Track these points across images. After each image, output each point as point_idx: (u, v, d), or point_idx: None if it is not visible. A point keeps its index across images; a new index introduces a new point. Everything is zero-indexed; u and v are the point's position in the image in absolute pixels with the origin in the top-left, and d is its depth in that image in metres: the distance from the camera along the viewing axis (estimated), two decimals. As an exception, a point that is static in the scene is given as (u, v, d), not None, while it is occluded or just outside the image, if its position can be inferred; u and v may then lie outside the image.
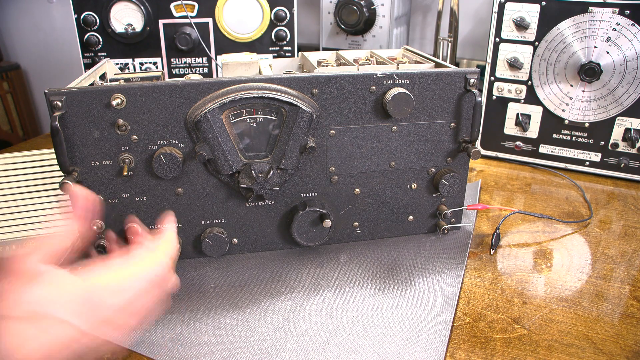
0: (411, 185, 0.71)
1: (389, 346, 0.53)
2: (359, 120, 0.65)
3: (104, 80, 0.74)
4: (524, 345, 0.54)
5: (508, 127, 1.00)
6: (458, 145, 0.70)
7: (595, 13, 0.86)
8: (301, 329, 0.56)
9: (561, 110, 0.95)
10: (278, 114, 0.62)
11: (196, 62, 1.11)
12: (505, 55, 0.96)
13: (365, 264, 0.68)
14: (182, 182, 0.63)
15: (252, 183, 0.62)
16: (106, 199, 0.62)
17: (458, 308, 0.60)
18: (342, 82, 0.62)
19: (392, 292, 0.62)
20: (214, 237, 0.65)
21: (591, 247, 0.73)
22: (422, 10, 1.42)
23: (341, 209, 0.70)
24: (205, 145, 0.60)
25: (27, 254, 0.41)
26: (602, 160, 0.95)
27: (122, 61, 1.08)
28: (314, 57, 0.82)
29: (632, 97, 0.88)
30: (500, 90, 0.98)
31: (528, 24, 0.92)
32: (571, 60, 0.91)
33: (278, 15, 1.09)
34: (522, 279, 0.65)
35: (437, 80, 0.65)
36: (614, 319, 0.58)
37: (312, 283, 0.64)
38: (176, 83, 0.58)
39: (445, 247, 0.71)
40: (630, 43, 0.86)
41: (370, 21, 1.23)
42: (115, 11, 1.04)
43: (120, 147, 0.60)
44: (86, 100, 0.57)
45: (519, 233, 0.77)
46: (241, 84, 0.60)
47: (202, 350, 0.53)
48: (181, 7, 1.05)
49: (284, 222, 0.69)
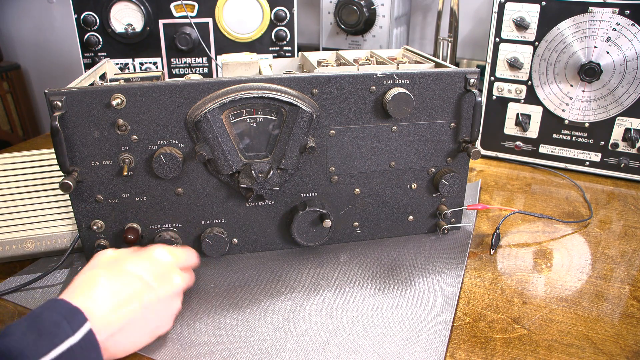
0: (411, 185, 0.71)
1: (389, 346, 0.53)
2: (359, 120, 0.65)
3: (104, 80, 0.74)
4: (524, 345, 0.54)
5: (508, 127, 1.00)
6: (458, 145, 0.70)
7: (595, 13, 0.86)
8: (301, 329, 0.56)
9: (561, 110, 0.95)
10: (278, 114, 0.62)
11: (196, 62, 1.11)
12: (505, 55, 0.96)
13: (365, 264, 0.68)
14: (182, 182, 0.63)
15: (252, 183, 0.62)
16: (106, 199, 0.62)
17: (458, 308, 0.60)
18: (342, 82, 0.62)
19: (392, 292, 0.62)
20: (214, 237, 0.65)
21: (591, 247, 0.73)
22: (422, 10, 1.42)
23: (341, 209, 0.70)
24: (205, 145, 0.60)
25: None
26: (602, 160, 0.95)
27: (122, 61, 1.08)
28: (314, 57, 0.82)
29: (632, 97, 0.88)
30: (500, 90, 0.98)
31: (528, 24, 0.92)
32: (571, 60, 0.91)
33: (278, 15, 1.09)
34: (522, 279, 0.65)
35: (437, 80, 0.65)
36: (614, 319, 0.58)
37: (312, 283, 0.64)
38: (176, 83, 0.58)
39: (445, 247, 0.71)
40: (630, 43, 0.86)
41: (370, 21, 1.23)
42: (115, 11, 1.04)
43: (120, 147, 0.60)
44: (86, 100, 0.57)
45: (519, 233, 0.77)
46: (241, 84, 0.60)
47: (202, 350, 0.53)
48: (181, 7, 1.05)
49: (284, 222, 0.69)
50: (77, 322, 0.43)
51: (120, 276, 0.50)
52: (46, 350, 0.40)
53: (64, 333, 0.42)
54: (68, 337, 0.42)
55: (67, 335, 0.42)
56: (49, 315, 0.43)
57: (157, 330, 0.53)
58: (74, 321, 0.43)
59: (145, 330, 0.51)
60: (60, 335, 0.42)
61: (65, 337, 0.42)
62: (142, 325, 0.50)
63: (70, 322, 0.43)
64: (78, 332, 0.43)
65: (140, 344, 0.51)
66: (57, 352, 0.41)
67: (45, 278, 0.64)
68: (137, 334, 0.50)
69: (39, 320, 0.42)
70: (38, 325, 0.42)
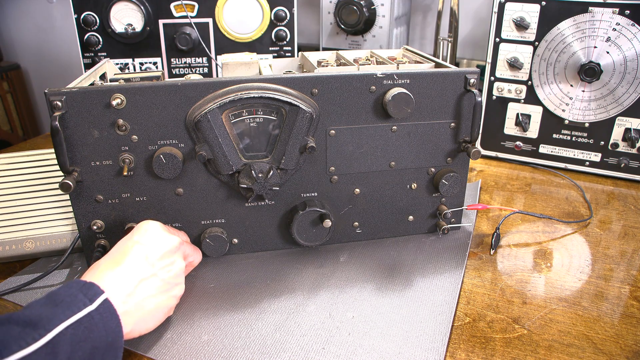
0: (411, 185, 0.71)
1: (389, 346, 0.53)
2: (359, 120, 0.65)
3: (104, 80, 0.74)
4: (524, 345, 0.54)
5: (508, 127, 1.00)
6: (458, 145, 0.70)
7: (595, 13, 0.86)
8: (301, 329, 0.56)
9: (561, 110, 0.95)
10: (278, 114, 0.62)
11: (196, 62, 1.11)
12: (505, 55, 0.96)
13: (365, 264, 0.68)
14: (182, 182, 0.63)
15: (252, 183, 0.62)
16: (106, 199, 0.62)
17: (458, 308, 0.60)
18: (342, 82, 0.62)
19: (392, 292, 0.62)
20: (214, 237, 0.65)
21: (591, 247, 0.73)
22: (422, 10, 1.42)
23: (341, 209, 0.70)
24: (205, 145, 0.60)
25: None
26: (602, 160, 0.95)
27: (122, 61, 1.08)
28: (314, 57, 0.82)
29: (632, 97, 0.88)
30: (500, 90, 0.98)
31: (528, 24, 0.92)
32: (571, 60, 0.91)
33: (278, 15, 1.09)
34: (522, 279, 0.65)
35: (437, 80, 0.65)
36: (614, 319, 0.58)
37: (312, 283, 0.64)
38: (176, 83, 0.58)
39: (445, 247, 0.71)
40: (630, 43, 0.86)
41: (370, 21, 1.23)
42: (115, 11, 1.04)
43: (120, 147, 0.60)
44: (86, 100, 0.57)
45: (519, 233, 0.77)
46: (241, 84, 0.60)
47: (202, 350, 0.53)
48: (181, 7, 1.05)
49: (284, 222, 0.69)
50: (93, 292, 0.45)
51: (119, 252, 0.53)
52: (64, 317, 0.42)
53: (81, 302, 0.44)
54: (86, 305, 0.44)
55: (84, 304, 0.44)
56: (65, 290, 0.45)
57: (174, 290, 0.55)
58: (90, 292, 0.45)
59: (162, 293, 0.53)
60: (78, 304, 0.43)
61: (83, 305, 0.44)
62: (158, 286, 0.52)
63: (87, 293, 0.45)
64: (95, 301, 0.45)
65: (162, 307, 0.53)
66: (76, 317, 0.42)
67: (45, 278, 0.64)
68: (155, 300, 0.52)
69: (55, 294, 0.44)
70: (55, 298, 0.43)
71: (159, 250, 0.54)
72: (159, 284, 0.53)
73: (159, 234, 0.56)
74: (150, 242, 0.54)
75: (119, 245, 0.54)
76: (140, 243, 0.54)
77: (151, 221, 0.57)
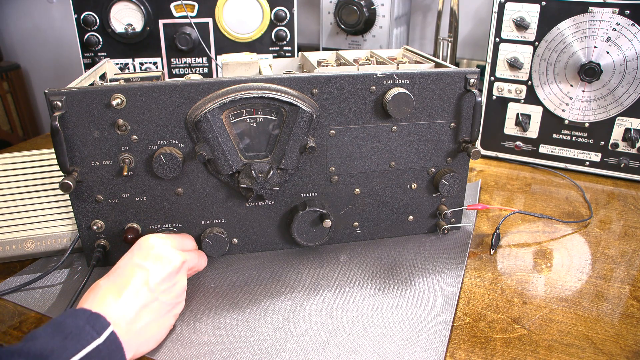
0: (411, 185, 0.71)
1: (389, 346, 0.53)
2: (359, 120, 0.65)
3: (104, 80, 0.74)
4: (524, 345, 0.54)
5: (508, 127, 1.00)
6: (458, 145, 0.70)
7: (595, 13, 0.86)
8: (301, 329, 0.56)
9: (561, 110, 0.95)
10: (278, 114, 0.62)
11: (196, 62, 1.11)
12: (505, 55, 0.96)
13: (365, 264, 0.68)
14: (182, 182, 0.63)
15: (252, 183, 0.62)
16: (106, 199, 0.62)
17: (458, 308, 0.60)
18: (342, 82, 0.62)
19: (392, 292, 0.62)
20: (214, 237, 0.65)
21: (591, 247, 0.73)
22: (422, 10, 1.42)
23: (341, 209, 0.70)
24: (205, 145, 0.60)
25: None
26: (602, 160, 0.95)
27: (122, 61, 1.08)
28: (314, 57, 0.82)
29: (632, 97, 0.88)
30: (500, 90, 0.98)
31: (528, 24, 0.92)
32: (571, 60, 0.91)
33: (278, 15, 1.09)
34: (522, 279, 0.65)
35: (437, 80, 0.65)
36: (614, 319, 0.58)
37: (312, 283, 0.64)
38: (176, 83, 0.58)
39: (445, 247, 0.71)
40: (630, 43, 0.86)
41: (370, 21, 1.23)
42: (115, 11, 1.04)
43: (120, 147, 0.60)
44: (86, 100, 0.57)
45: (519, 233, 0.77)
46: (241, 84, 0.60)
47: (202, 350, 0.53)
48: (181, 7, 1.05)
49: (284, 222, 0.69)
50: (101, 325, 0.45)
51: (121, 276, 0.51)
52: (75, 351, 0.42)
53: (89, 334, 0.44)
54: (94, 338, 0.44)
55: (92, 337, 0.44)
56: (72, 321, 0.44)
57: (174, 309, 0.55)
58: (97, 325, 0.45)
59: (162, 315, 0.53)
60: (87, 337, 0.43)
61: (91, 338, 0.44)
62: (158, 309, 0.52)
63: (94, 325, 0.45)
64: (103, 334, 0.45)
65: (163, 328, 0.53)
66: (85, 351, 0.42)
67: (45, 278, 0.64)
68: (156, 323, 0.52)
69: (63, 325, 0.44)
70: (63, 330, 0.43)
71: (160, 273, 0.53)
72: (159, 307, 0.52)
73: (161, 254, 0.54)
74: (152, 265, 0.53)
75: (121, 266, 0.53)
76: (142, 267, 0.52)
77: (153, 237, 0.56)
